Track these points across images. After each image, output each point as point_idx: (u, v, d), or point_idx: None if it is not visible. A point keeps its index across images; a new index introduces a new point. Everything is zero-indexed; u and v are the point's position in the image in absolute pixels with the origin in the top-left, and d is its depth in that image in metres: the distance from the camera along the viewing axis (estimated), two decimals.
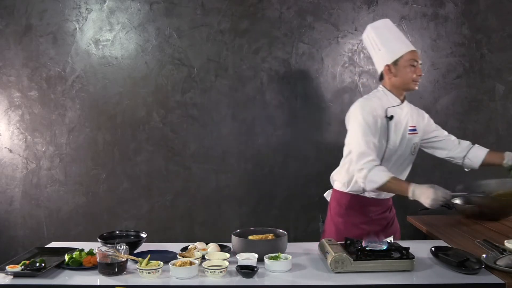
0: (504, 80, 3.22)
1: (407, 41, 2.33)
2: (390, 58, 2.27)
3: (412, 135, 2.32)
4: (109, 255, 1.71)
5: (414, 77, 2.25)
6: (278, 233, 2.02)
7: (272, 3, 3.16)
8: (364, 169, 2.12)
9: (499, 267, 1.73)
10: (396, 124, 2.25)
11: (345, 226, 2.32)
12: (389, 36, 2.30)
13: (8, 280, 1.68)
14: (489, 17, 3.19)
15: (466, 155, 2.45)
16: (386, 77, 2.31)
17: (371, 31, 2.35)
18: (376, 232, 2.16)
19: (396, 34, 2.33)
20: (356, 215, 2.32)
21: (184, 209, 3.23)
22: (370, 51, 2.41)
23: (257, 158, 3.21)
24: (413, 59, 2.24)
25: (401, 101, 2.31)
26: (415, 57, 2.25)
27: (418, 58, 2.27)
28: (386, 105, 2.26)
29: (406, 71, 2.24)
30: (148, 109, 3.20)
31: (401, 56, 2.25)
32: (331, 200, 2.44)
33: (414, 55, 2.26)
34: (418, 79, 2.26)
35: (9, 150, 3.25)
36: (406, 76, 2.24)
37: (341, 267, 1.72)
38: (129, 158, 3.22)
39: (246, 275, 1.68)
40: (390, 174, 2.11)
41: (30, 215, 3.25)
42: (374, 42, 2.34)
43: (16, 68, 3.21)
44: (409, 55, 2.25)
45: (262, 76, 3.18)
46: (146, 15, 3.17)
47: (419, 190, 2.04)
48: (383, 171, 2.12)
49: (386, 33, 2.31)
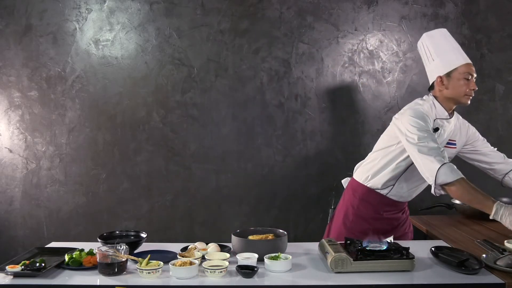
0: (504, 80, 3.22)
1: (463, 54, 2.26)
2: (444, 70, 2.22)
3: (449, 148, 2.28)
4: (109, 255, 1.71)
5: (467, 91, 2.19)
6: (278, 233, 2.02)
7: (272, 3, 3.16)
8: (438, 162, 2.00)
9: (499, 267, 1.73)
10: (439, 136, 2.22)
11: (354, 217, 2.32)
12: (444, 46, 2.24)
13: (8, 280, 1.68)
14: (489, 17, 3.19)
15: (508, 174, 2.38)
16: (437, 88, 2.26)
17: (426, 40, 2.30)
18: (385, 231, 2.18)
19: (452, 45, 2.26)
20: (368, 209, 2.31)
21: (184, 209, 3.23)
22: (424, 60, 2.36)
23: (257, 158, 3.21)
24: (468, 72, 2.19)
25: (449, 114, 2.26)
26: (470, 70, 2.20)
27: (473, 72, 2.21)
28: (434, 116, 2.22)
29: (459, 84, 2.18)
30: (148, 109, 3.20)
31: (456, 68, 2.20)
32: (347, 188, 2.43)
33: (469, 69, 2.20)
34: (471, 93, 2.20)
35: (9, 150, 3.25)
36: (459, 89, 2.19)
37: (341, 267, 1.72)
38: (129, 158, 3.22)
39: (246, 275, 1.68)
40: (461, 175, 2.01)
41: (30, 215, 3.25)
42: (428, 52, 2.28)
43: (16, 68, 3.21)
44: (464, 68, 2.19)
45: (262, 76, 3.19)
46: (146, 15, 3.17)
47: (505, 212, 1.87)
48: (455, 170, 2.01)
49: (442, 43, 2.25)
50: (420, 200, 3.25)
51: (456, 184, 1.99)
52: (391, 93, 3.22)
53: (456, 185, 1.99)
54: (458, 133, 2.34)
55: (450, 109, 2.27)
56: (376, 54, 3.20)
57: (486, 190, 2.04)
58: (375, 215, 2.30)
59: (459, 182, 1.99)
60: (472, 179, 2.08)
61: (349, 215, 2.34)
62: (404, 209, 2.42)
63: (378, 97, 3.20)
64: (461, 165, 2.25)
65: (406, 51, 3.20)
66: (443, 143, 2.25)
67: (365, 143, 3.20)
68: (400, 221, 2.39)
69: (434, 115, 2.22)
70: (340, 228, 2.35)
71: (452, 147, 2.30)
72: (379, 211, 2.31)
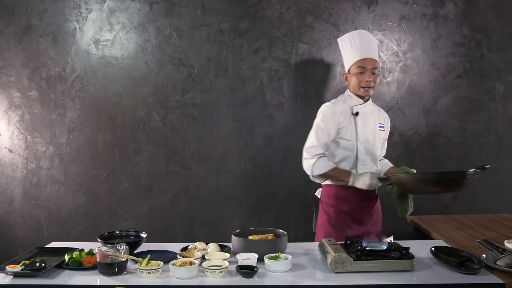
0: (504, 80, 3.22)
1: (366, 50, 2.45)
2: (346, 68, 2.53)
3: (381, 131, 2.55)
4: (109, 255, 1.71)
5: (361, 84, 2.43)
6: (278, 233, 2.02)
7: (272, 3, 3.16)
8: (313, 158, 2.41)
9: (499, 267, 1.73)
10: (364, 119, 2.47)
11: (336, 214, 2.48)
12: (347, 47, 2.50)
13: (8, 280, 1.68)
14: (489, 17, 3.19)
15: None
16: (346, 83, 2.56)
17: (340, 43, 2.57)
18: (364, 219, 2.47)
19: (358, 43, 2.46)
20: (345, 203, 2.47)
21: (184, 209, 3.23)
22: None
23: (257, 158, 3.21)
24: (361, 66, 2.42)
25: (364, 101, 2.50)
26: (364, 64, 2.42)
27: (369, 65, 2.41)
28: (351, 104, 2.48)
29: (353, 79, 2.46)
30: (148, 109, 3.20)
31: (351, 65, 2.47)
32: (322, 195, 2.61)
33: (363, 63, 2.42)
34: (367, 84, 2.43)
35: (9, 150, 3.25)
36: (354, 83, 2.46)
37: (341, 267, 1.72)
38: (129, 158, 3.22)
39: (246, 275, 1.68)
40: (334, 164, 2.41)
41: (30, 215, 3.25)
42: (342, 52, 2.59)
43: (16, 68, 3.21)
44: (357, 63, 2.43)
45: (262, 76, 3.19)
46: (146, 15, 3.17)
47: (358, 177, 2.33)
48: (328, 162, 2.42)
49: (345, 45, 2.51)
50: (420, 200, 3.26)
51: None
52: (391, 93, 3.22)
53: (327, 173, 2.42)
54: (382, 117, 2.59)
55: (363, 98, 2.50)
56: None
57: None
58: (352, 206, 2.46)
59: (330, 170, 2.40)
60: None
61: (330, 213, 2.50)
62: (376, 197, 2.57)
63: (378, 97, 3.20)
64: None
65: (406, 51, 3.20)
66: (374, 127, 2.51)
67: None
68: (373, 208, 2.54)
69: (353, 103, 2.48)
70: (327, 228, 2.49)
71: (382, 129, 2.56)
72: (354, 201, 2.46)
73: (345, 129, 2.44)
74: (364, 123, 2.47)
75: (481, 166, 2.15)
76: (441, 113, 3.22)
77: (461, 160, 3.24)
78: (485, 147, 3.24)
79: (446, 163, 3.24)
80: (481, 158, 3.23)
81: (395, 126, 3.21)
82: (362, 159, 2.46)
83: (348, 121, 2.44)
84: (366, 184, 2.30)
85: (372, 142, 2.49)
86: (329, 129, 2.43)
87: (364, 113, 2.48)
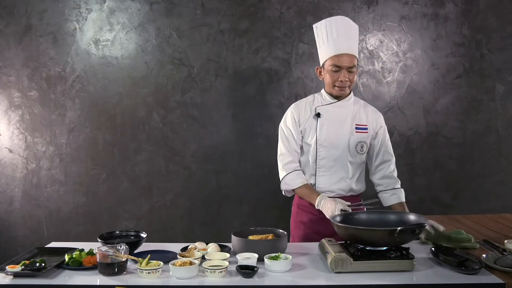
0: (504, 80, 3.22)
1: (343, 44, 2.18)
2: (321, 61, 2.27)
3: (360, 133, 2.27)
4: (109, 255, 1.71)
5: (335, 83, 2.21)
6: (278, 233, 2.02)
7: (272, 3, 3.16)
8: (283, 171, 2.28)
9: (499, 267, 1.73)
10: (330, 121, 2.25)
11: (295, 224, 2.36)
12: (323, 38, 2.22)
13: (8, 280, 1.68)
14: (489, 17, 3.19)
15: (383, 191, 2.34)
16: (320, 77, 2.32)
17: (316, 29, 2.27)
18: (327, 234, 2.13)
19: (335, 34, 2.18)
20: (303, 214, 2.33)
21: (184, 209, 3.23)
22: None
23: (257, 158, 3.21)
24: (334, 64, 2.17)
25: (337, 99, 2.28)
26: (338, 62, 2.17)
27: (344, 63, 2.16)
28: (316, 105, 2.29)
29: (327, 76, 2.23)
30: (148, 109, 3.20)
31: (326, 60, 2.22)
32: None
33: (337, 60, 2.17)
34: (341, 84, 2.20)
35: (9, 150, 3.25)
36: (327, 80, 2.24)
37: (341, 267, 1.72)
38: (129, 158, 3.22)
39: (246, 275, 1.68)
40: (304, 181, 2.25)
41: (30, 215, 3.25)
42: (316, 41, 2.30)
43: (16, 68, 3.21)
44: (331, 60, 2.19)
45: (262, 76, 3.18)
46: (146, 15, 3.17)
47: (323, 203, 2.11)
48: (299, 177, 2.26)
49: (321, 35, 2.23)
50: (420, 200, 3.26)
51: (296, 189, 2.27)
52: (391, 93, 3.22)
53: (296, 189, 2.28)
54: (364, 118, 2.31)
55: (335, 95, 2.27)
56: (376, 54, 3.20)
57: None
58: (311, 217, 2.30)
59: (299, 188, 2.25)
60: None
61: (291, 223, 2.40)
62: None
63: (378, 97, 3.20)
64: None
65: (406, 51, 3.20)
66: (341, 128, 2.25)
67: None
68: None
69: (317, 104, 2.29)
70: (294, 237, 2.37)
71: (363, 132, 2.28)
72: (314, 212, 2.27)
73: (307, 132, 2.27)
74: (329, 125, 2.25)
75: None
76: (441, 113, 3.22)
77: (461, 160, 3.24)
78: (485, 147, 3.24)
79: (446, 163, 3.24)
80: (481, 158, 3.24)
81: (395, 126, 3.21)
82: (323, 165, 2.25)
83: (310, 123, 2.27)
84: (328, 214, 2.05)
85: (342, 147, 2.25)
86: (291, 133, 2.28)
87: (331, 113, 2.26)
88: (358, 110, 2.31)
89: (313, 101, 2.31)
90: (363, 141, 2.28)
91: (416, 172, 3.25)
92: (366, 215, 1.99)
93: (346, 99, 2.29)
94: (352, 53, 2.19)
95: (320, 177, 2.27)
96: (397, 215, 1.98)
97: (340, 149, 2.25)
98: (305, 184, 2.25)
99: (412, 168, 3.24)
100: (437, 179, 3.24)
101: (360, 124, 2.29)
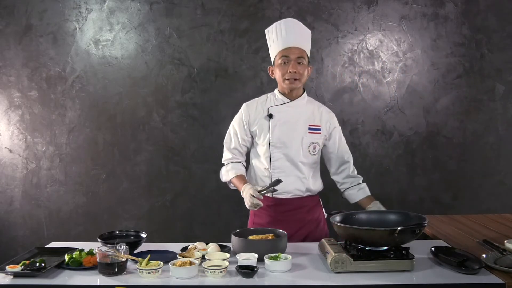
0: (504, 80, 3.22)
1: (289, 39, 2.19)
2: (272, 59, 2.29)
3: (312, 134, 2.26)
4: (109, 255, 1.71)
5: (284, 76, 2.21)
6: (278, 233, 2.02)
7: (272, 3, 3.16)
8: (224, 163, 2.36)
9: (499, 267, 1.73)
10: (283, 122, 2.24)
11: (253, 226, 2.30)
12: (273, 37, 2.24)
13: (8, 280, 1.68)
14: (489, 17, 3.19)
15: (348, 189, 2.34)
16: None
17: (266, 34, 2.30)
18: (297, 232, 2.22)
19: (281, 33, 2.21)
20: (260, 216, 2.29)
21: (184, 209, 3.23)
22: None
23: None
24: (283, 55, 2.19)
25: (289, 99, 2.27)
26: (287, 53, 2.18)
27: (292, 54, 2.17)
28: (268, 105, 2.28)
29: (277, 70, 2.24)
30: (148, 109, 3.20)
31: (275, 56, 2.25)
32: None
33: (287, 52, 2.18)
34: (290, 76, 2.19)
35: (9, 150, 3.25)
36: (277, 75, 2.24)
37: (341, 267, 1.72)
38: (129, 158, 3.22)
39: (246, 275, 1.68)
40: (237, 173, 2.27)
41: (30, 215, 3.25)
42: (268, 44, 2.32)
43: (16, 68, 3.21)
44: (280, 53, 2.21)
45: (262, 76, 3.18)
46: (146, 15, 3.17)
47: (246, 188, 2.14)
48: (233, 169, 2.30)
49: (271, 36, 2.25)
50: (420, 200, 3.26)
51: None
52: (391, 93, 3.22)
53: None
54: (318, 119, 2.29)
55: (289, 93, 2.27)
56: (376, 54, 3.20)
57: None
58: (268, 219, 2.26)
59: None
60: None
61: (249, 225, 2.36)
62: (306, 208, 2.30)
63: (378, 97, 3.20)
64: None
65: (406, 51, 3.20)
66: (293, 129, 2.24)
67: (365, 143, 3.21)
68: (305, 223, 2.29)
69: (270, 104, 2.29)
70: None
71: (316, 133, 2.27)
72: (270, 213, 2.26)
73: (258, 133, 2.26)
74: (282, 126, 2.24)
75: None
76: (441, 113, 3.22)
77: (461, 160, 3.24)
78: (485, 147, 3.24)
79: (446, 163, 3.24)
80: (481, 158, 3.24)
81: (395, 126, 3.21)
82: (278, 166, 2.23)
83: (262, 124, 2.25)
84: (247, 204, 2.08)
85: (296, 148, 2.23)
86: (235, 131, 2.30)
87: (284, 113, 2.25)
88: (312, 111, 2.30)
89: (265, 101, 2.30)
90: (315, 142, 2.27)
91: (416, 172, 3.25)
92: (366, 215, 2.00)
93: (299, 99, 2.29)
94: (301, 47, 2.21)
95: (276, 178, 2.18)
96: (397, 215, 1.98)
97: (294, 150, 2.24)
98: (238, 175, 2.27)
99: (412, 168, 3.24)
100: (437, 179, 3.24)
101: (313, 125, 2.27)
